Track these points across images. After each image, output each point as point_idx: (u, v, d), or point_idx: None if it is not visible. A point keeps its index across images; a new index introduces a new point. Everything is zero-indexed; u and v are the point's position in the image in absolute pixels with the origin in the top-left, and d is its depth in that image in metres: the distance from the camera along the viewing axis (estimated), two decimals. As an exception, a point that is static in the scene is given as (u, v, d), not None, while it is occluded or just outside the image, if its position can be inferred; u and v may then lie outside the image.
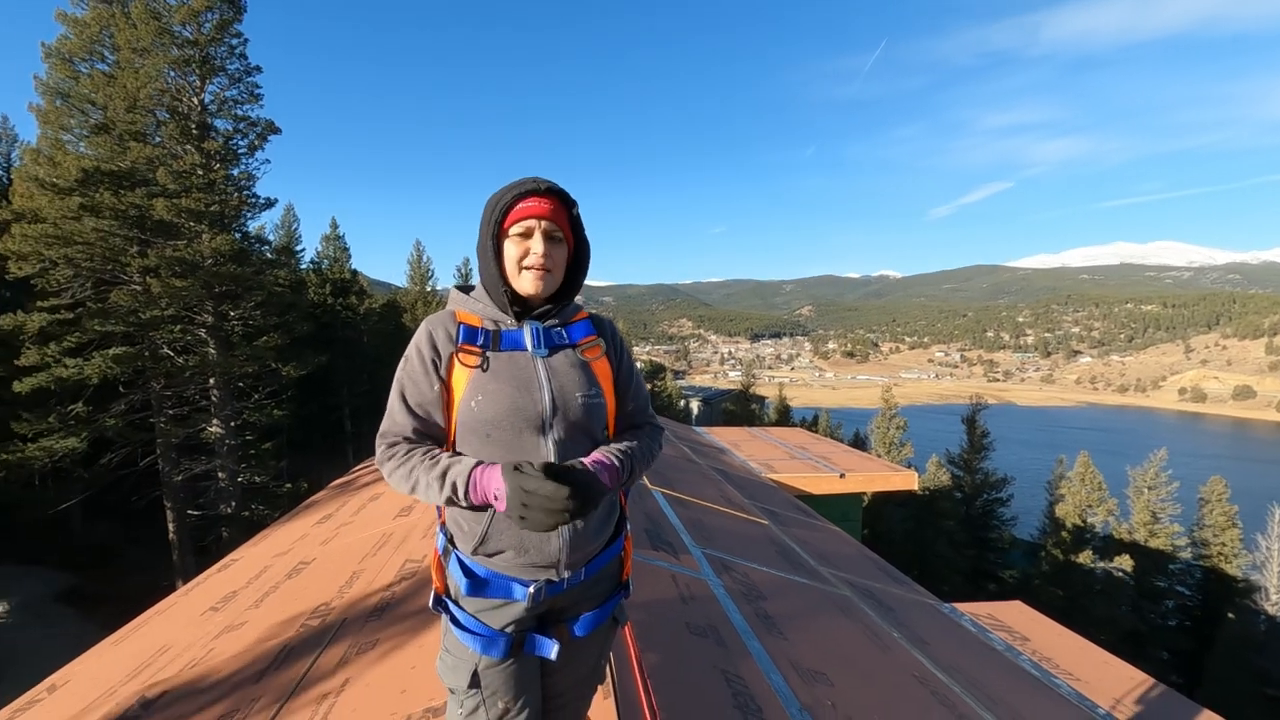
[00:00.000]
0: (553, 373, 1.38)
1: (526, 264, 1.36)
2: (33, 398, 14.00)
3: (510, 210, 1.35)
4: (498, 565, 1.36)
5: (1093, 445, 28.67)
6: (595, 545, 1.42)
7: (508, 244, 1.37)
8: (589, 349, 1.46)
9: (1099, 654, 4.63)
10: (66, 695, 4.05)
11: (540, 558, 1.34)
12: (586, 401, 1.39)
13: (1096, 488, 24.11)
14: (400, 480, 1.31)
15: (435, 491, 1.26)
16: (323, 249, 34.15)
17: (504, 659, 1.36)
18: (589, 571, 1.43)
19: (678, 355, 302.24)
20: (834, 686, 2.92)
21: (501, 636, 1.36)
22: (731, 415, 41.03)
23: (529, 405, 1.33)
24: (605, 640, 1.59)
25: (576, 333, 1.47)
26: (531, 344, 1.40)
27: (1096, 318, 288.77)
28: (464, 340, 1.37)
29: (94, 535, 21.51)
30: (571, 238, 1.43)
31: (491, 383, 1.34)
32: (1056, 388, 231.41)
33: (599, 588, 1.49)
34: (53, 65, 14.76)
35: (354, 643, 3.44)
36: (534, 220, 1.34)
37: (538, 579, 1.36)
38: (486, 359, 1.36)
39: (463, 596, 1.38)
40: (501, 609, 1.37)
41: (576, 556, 1.37)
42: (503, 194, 1.36)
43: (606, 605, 1.51)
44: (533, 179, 1.36)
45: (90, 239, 14.01)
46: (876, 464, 12.69)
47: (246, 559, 6.70)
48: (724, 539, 5.17)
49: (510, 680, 1.39)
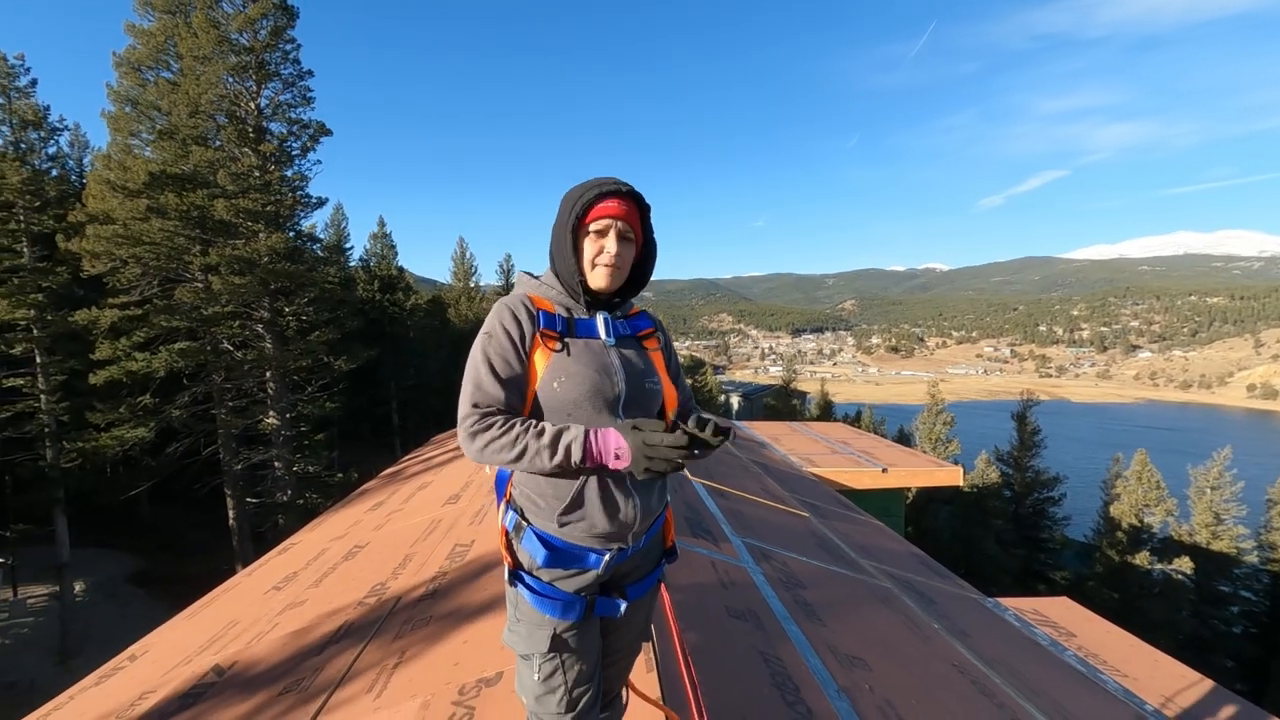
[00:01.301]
0: (624, 360, 1.52)
1: (600, 260, 1.47)
2: (105, 389, 14.85)
3: (591, 208, 1.45)
4: (575, 536, 1.48)
5: (1152, 443, 27.57)
6: (657, 511, 1.58)
7: (585, 242, 1.48)
8: (648, 340, 1.63)
9: (1149, 652, 4.52)
10: (147, 663, 4.35)
11: (618, 527, 1.48)
12: (651, 387, 1.54)
13: (1155, 487, 23.16)
14: (501, 448, 1.38)
15: (545, 458, 1.35)
16: (370, 246, 35.09)
17: (580, 621, 1.49)
18: (647, 538, 1.58)
19: (717, 350, 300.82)
20: (872, 671, 2.97)
21: (579, 600, 1.48)
22: (772, 410, 40.68)
23: (607, 389, 1.46)
24: (652, 600, 1.75)
25: (638, 325, 1.62)
26: (605, 332, 1.53)
27: (1157, 311, 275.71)
28: (544, 325, 1.48)
29: (161, 520, 22.71)
30: (641, 238, 1.54)
31: (573, 365, 1.45)
32: (1113, 384, 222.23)
33: (652, 553, 1.64)
34: (122, 74, 15.60)
35: (408, 619, 3.62)
36: (611, 220, 1.45)
37: (610, 548, 1.49)
38: (566, 344, 1.48)
39: (538, 568, 1.49)
40: (576, 577, 1.49)
41: (642, 525, 1.52)
42: (584, 191, 1.46)
43: (656, 570, 1.67)
44: (613, 180, 1.46)
45: (157, 239, 14.76)
46: (921, 459, 12.50)
47: (304, 543, 7.02)
48: (763, 529, 5.21)
49: (583, 642, 1.52)
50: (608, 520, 1.47)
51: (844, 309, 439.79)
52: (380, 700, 2.76)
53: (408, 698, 2.69)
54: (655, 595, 1.77)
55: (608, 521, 1.47)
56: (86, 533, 19.09)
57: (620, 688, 1.81)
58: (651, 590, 1.70)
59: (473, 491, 6.49)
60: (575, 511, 1.46)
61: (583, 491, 1.45)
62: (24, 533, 16.01)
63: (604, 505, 1.46)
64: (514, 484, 1.57)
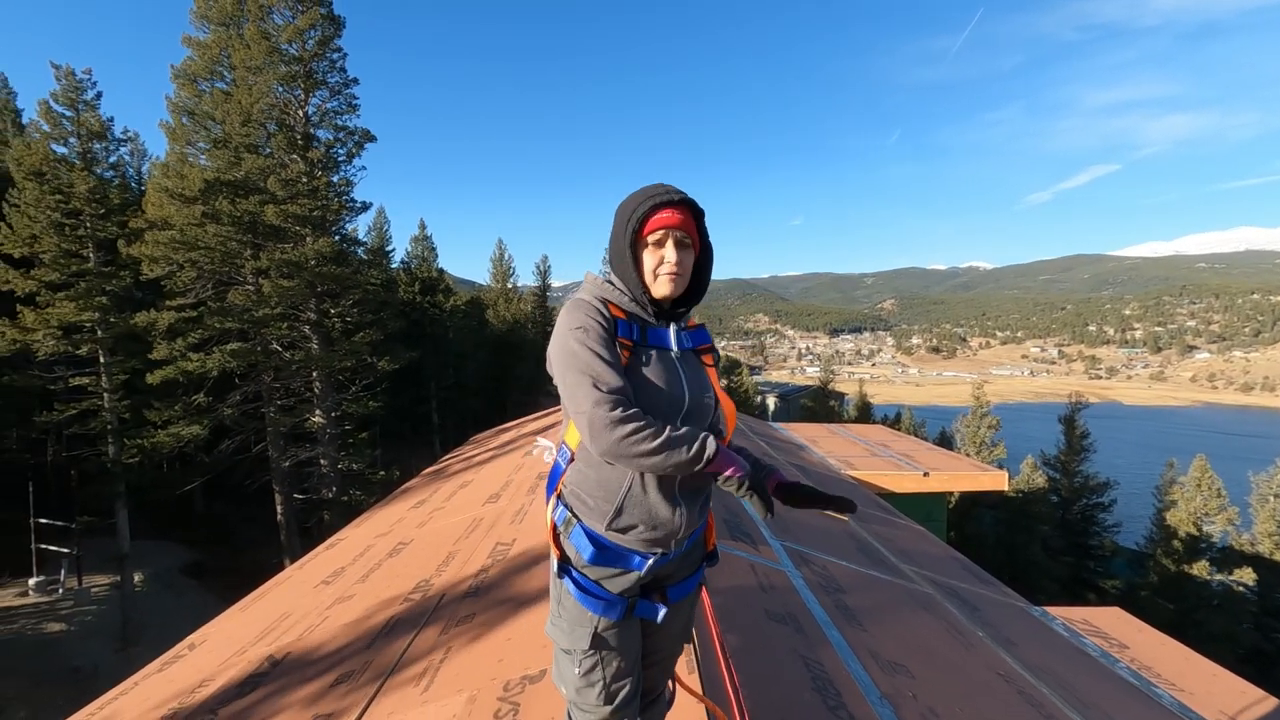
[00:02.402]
0: (689, 371, 1.56)
1: (662, 270, 1.50)
2: (162, 388, 15.53)
3: (646, 220, 1.48)
4: (623, 539, 1.53)
5: (1210, 448, 26.29)
6: (701, 520, 1.62)
7: (644, 254, 1.51)
8: (706, 354, 1.65)
9: (1206, 665, 4.36)
10: (205, 652, 4.55)
11: (664, 533, 1.52)
12: (709, 400, 1.58)
13: (1215, 494, 22.21)
14: (644, 438, 1.37)
15: (684, 453, 1.39)
16: (411, 249, 35.83)
17: (620, 620, 1.53)
18: (689, 542, 1.63)
19: (754, 351, 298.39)
20: (915, 678, 2.94)
21: (620, 601, 1.53)
22: (809, 412, 40.17)
23: (675, 399, 1.50)
24: (693, 603, 1.78)
25: (698, 339, 1.64)
26: (675, 343, 1.57)
27: (1216, 310, 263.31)
28: (621, 333, 1.50)
29: (214, 514, 23.59)
30: (698, 243, 1.57)
31: (647, 372, 1.49)
32: (1168, 385, 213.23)
33: (693, 556, 1.69)
34: (180, 85, 16.26)
35: (452, 616, 3.71)
36: (667, 230, 1.48)
37: (654, 551, 1.54)
38: (639, 352, 1.51)
39: (585, 564, 1.54)
40: (619, 577, 1.54)
41: (686, 532, 1.56)
42: (639, 203, 1.48)
43: (697, 573, 1.71)
44: (664, 188, 1.50)
45: (211, 243, 15.37)
46: (963, 463, 12.23)
47: (351, 539, 7.23)
48: (802, 532, 5.19)
49: (623, 639, 1.56)
50: (654, 526, 1.51)
51: (883, 309, 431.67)
52: (428, 694, 2.84)
53: (454, 692, 2.76)
54: (697, 598, 1.79)
55: (654, 527, 1.52)
56: (144, 525, 19.95)
57: (663, 686, 1.84)
58: (693, 593, 1.73)
59: (513, 490, 6.60)
60: (622, 516, 1.51)
61: (629, 495, 1.50)
62: (88, 525, 16.84)
63: (651, 511, 1.51)
64: (565, 481, 1.61)
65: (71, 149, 16.27)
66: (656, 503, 1.50)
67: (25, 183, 15.27)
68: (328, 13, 16.36)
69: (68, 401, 15.85)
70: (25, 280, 15.24)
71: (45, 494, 18.87)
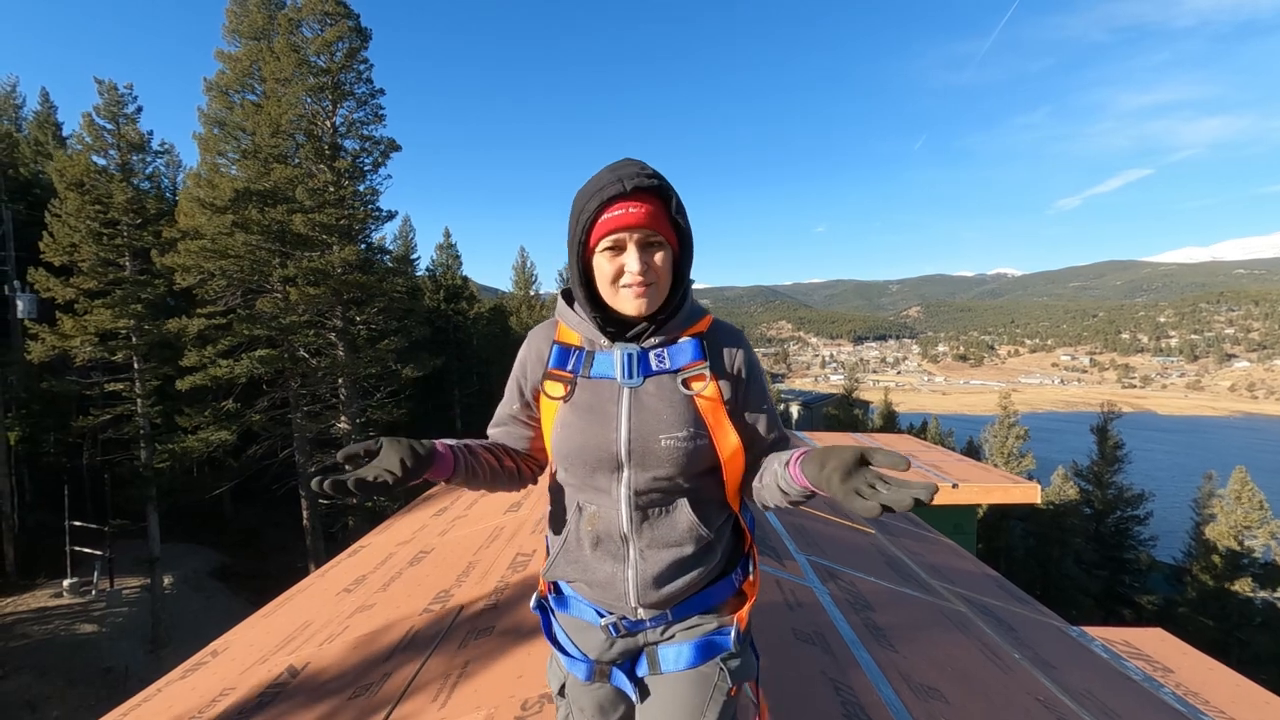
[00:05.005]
0: (638, 408, 1.18)
1: (623, 283, 1.14)
2: (192, 394, 15.87)
3: (595, 223, 1.11)
4: (575, 590, 1.31)
5: (1250, 460, 25.52)
6: (681, 585, 1.21)
7: (598, 260, 1.15)
8: (694, 376, 1.20)
9: (1258, 692, 4.14)
10: (227, 659, 4.55)
11: (608, 595, 1.23)
12: (672, 444, 1.16)
13: (1257, 507, 21.46)
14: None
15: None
16: (436, 257, 36.21)
17: (589, 683, 1.29)
18: (677, 614, 1.25)
19: (777, 358, 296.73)
20: (950, 704, 2.81)
21: (586, 661, 1.27)
22: (833, 420, 39.75)
23: (601, 445, 1.17)
24: (705, 688, 1.22)
25: (680, 356, 1.21)
26: (621, 372, 1.20)
27: (1256, 317, 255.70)
28: (555, 364, 1.25)
29: (241, 519, 23.95)
30: (673, 235, 1.16)
31: (570, 415, 1.22)
32: (1206, 395, 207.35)
33: (698, 628, 1.27)
34: (212, 97, 16.69)
35: (471, 629, 3.66)
36: (625, 233, 1.11)
37: (613, 611, 1.25)
38: (574, 387, 1.23)
39: (553, 608, 1.35)
40: (587, 631, 1.29)
41: (656, 597, 1.21)
42: (586, 200, 1.12)
43: (704, 645, 1.25)
44: (615, 177, 1.09)
45: (240, 252, 15.68)
46: (993, 474, 11.95)
47: (373, 546, 7.24)
48: (829, 546, 5.06)
49: (594, 702, 1.31)
50: (591, 584, 1.25)
51: (908, 316, 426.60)
52: (445, 710, 2.78)
53: (472, 709, 2.70)
54: (713, 683, 1.23)
55: (591, 585, 1.25)
56: (174, 529, 20.32)
57: None
58: (704, 672, 1.23)
59: (534, 499, 6.55)
60: (557, 565, 1.28)
61: (565, 543, 1.26)
62: (121, 528, 17.19)
63: (586, 566, 1.24)
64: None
65: (111, 160, 16.74)
66: (591, 558, 1.23)
67: (67, 193, 15.75)
68: (355, 25, 16.68)
69: (103, 407, 16.24)
70: (65, 288, 15.67)
71: (80, 497, 19.32)
